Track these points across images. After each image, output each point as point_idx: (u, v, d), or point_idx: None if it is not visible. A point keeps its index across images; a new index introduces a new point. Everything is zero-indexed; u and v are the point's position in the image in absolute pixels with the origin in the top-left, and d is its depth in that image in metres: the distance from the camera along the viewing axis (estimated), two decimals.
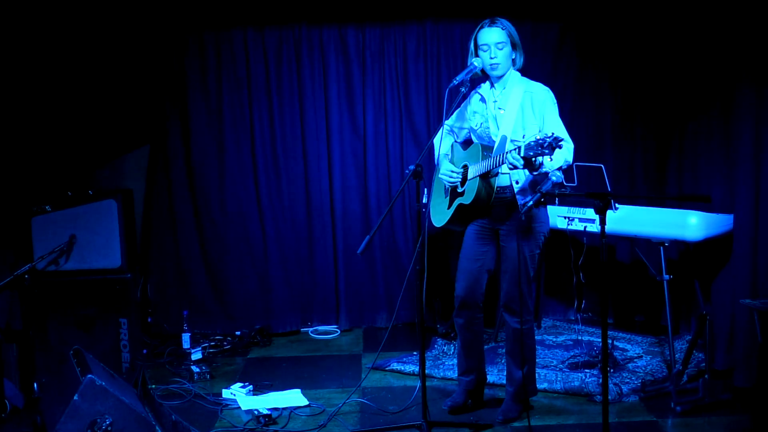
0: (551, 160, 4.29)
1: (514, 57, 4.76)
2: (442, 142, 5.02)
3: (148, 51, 6.85)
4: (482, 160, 4.66)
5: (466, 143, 5.05)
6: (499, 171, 4.66)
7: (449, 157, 5.03)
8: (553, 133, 4.10)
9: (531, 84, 4.81)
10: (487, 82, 4.86)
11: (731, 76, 5.51)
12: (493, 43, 4.68)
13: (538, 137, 4.13)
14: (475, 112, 4.92)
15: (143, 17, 6.71)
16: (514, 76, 4.81)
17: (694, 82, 6.12)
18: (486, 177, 4.66)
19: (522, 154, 4.26)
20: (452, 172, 4.87)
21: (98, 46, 6.61)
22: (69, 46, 6.42)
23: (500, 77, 4.78)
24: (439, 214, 5.05)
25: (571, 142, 4.62)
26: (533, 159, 4.24)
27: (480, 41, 4.73)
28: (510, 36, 4.71)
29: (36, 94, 6.23)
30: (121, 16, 6.60)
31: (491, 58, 4.69)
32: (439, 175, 4.96)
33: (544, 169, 4.38)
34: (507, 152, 4.41)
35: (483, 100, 4.85)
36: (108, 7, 6.47)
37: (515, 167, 4.37)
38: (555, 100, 4.78)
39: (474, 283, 4.92)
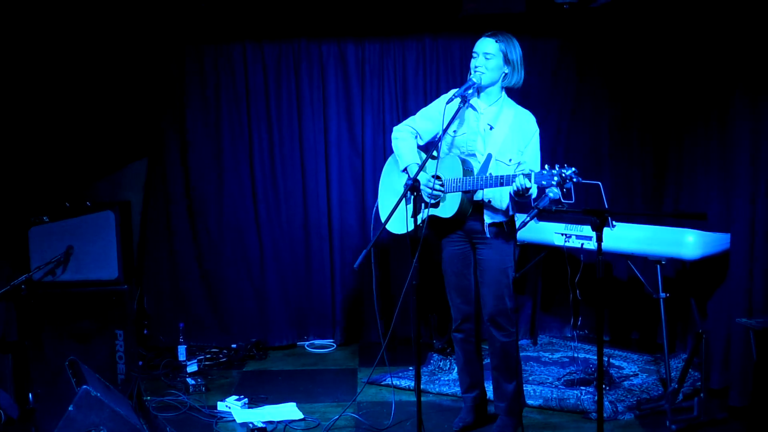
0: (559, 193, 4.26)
1: (506, 72, 4.75)
2: (406, 143, 4.95)
3: (147, 64, 6.87)
4: (465, 176, 4.64)
5: (428, 147, 4.94)
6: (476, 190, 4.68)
7: (418, 164, 4.80)
8: (574, 169, 4.17)
9: (520, 109, 4.83)
10: (478, 94, 4.83)
11: (727, 91, 5.53)
12: (482, 51, 4.70)
13: (553, 171, 4.20)
14: (460, 120, 4.82)
15: (142, 30, 6.73)
16: (504, 95, 4.82)
17: (690, 98, 6.17)
18: (468, 192, 4.67)
19: (533, 182, 4.29)
20: (432, 188, 4.75)
21: (97, 58, 6.64)
22: (68, 59, 6.45)
23: (485, 87, 4.76)
24: (400, 222, 4.90)
25: None
26: (545, 189, 4.26)
27: (474, 48, 4.76)
28: (504, 51, 4.70)
29: (34, 106, 6.25)
30: (120, 28, 6.62)
31: (476, 66, 4.71)
32: (422, 186, 4.70)
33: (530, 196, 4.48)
34: (515, 176, 4.40)
35: (475, 109, 4.81)
36: (107, 20, 6.49)
37: (524, 191, 4.38)
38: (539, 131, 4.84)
39: (468, 296, 4.95)
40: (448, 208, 4.72)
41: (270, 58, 6.97)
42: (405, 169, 4.89)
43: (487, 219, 4.74)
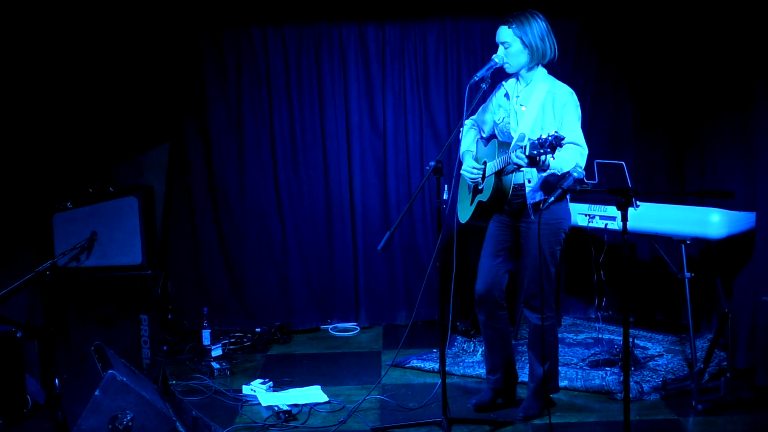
0: (554, 158, 4.26)
1: (531, 52, 4.70)
2: (467, 136, 5.03)
3: (168, 49, 6.87)
4: (498, 156, 4.65)
5: (489, 139, 5.03)
6: (513, 169, 4.63)
7: (473, 153, 5.02)
8: (555, 132, 4.11)
9: (556, 83, 4.76)
10: (513, 77, 4.85)
11: (750, 71, 5.46)
12: (500, 42, 4.70)
13: (541, 136, 4.15)
14: (499, 106, 4.89)
15: (162, 15, 6.73)
16: (540, 73, 4.77)
17: (713, 78, 6.09)
18: (500, 174, 4.64)
19: (527, 153, 4.25)
20: (473, 168, 4.86)
21: (118, 44, 6.64)
22: (89, 45, 6.46)
23: (516, 74, 4.77)
24: (464, 210, 5.04)
25: (585, 148, 4.61)
26: (537, 158, 4.23)
27: (496, 39, 4.74)
28: (519, 36, 4.64)
29: (57, 92, 6.27)
30: (140, 14, 6.62)
31: (503, 57, 4.71)
32: (462, 171, 4.94)
33: (550, 170, 4.44)
34: (511, 151, 4.41)
35: (507, 95, 4.83)
36: (127, 5, 6.50)
37: (519, 166, 4.37)
38: (577, 104, 4.72)
39: (492, 280, 4.89)
40: (485, 192, 4.75)
41: (290, 42, 6.95)
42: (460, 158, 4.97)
43: (529, 200, 4.73)
